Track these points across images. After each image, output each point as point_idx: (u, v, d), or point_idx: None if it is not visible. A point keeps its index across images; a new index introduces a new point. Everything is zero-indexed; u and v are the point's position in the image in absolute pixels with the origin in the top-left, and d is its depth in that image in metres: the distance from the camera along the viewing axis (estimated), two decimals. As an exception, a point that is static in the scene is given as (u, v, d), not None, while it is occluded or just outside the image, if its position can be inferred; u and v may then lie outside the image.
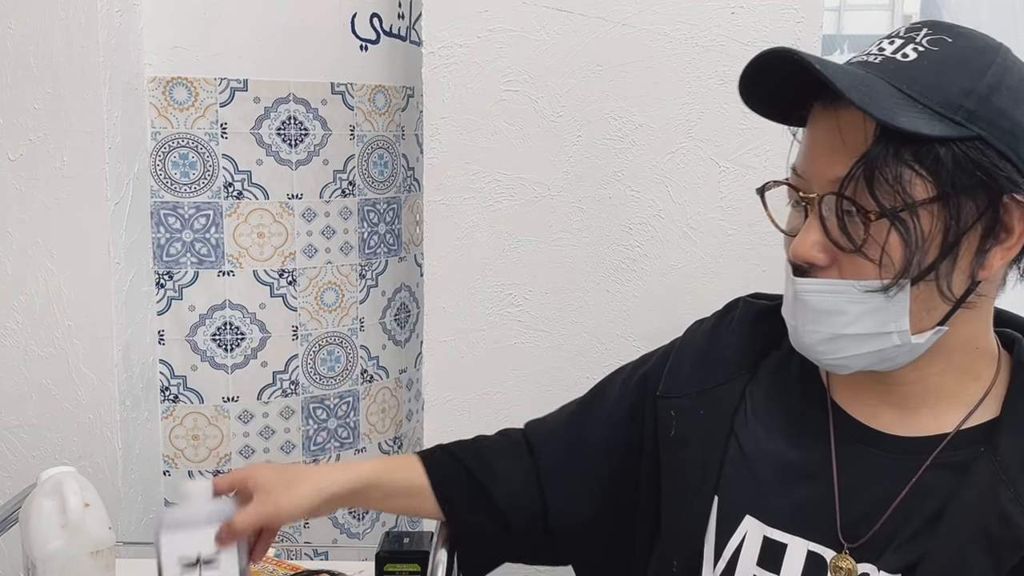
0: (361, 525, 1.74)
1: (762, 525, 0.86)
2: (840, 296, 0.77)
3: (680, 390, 0.97)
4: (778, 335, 0.96)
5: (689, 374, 0.97)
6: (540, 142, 1.38)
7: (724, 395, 0.94)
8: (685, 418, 0.95)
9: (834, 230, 0.77)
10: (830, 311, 0.78)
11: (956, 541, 0.77)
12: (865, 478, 0.83)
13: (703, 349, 0.99)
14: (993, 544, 0.75)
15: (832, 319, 0.78)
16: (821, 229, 0.78)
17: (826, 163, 0.77)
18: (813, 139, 0.80)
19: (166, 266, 1.54)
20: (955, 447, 0.81)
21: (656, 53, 1.35)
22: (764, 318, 0.97)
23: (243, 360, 1.59)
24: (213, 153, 1.53)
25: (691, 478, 0.92)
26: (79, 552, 1.08)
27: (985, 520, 0.76)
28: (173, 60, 1.49)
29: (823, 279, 0.78)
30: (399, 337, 1.76)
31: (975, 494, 0.78)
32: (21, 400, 1.48)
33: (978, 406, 0.82)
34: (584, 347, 1.43)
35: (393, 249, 1.72)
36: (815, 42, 1.34)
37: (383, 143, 1.67)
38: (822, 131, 0.79)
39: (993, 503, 0.76)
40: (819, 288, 0.79)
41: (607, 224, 1.40)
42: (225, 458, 1.60)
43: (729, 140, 1.36)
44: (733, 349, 0.96)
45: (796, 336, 0.82)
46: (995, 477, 0.77)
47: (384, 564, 1.16)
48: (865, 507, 0.82)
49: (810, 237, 0.78)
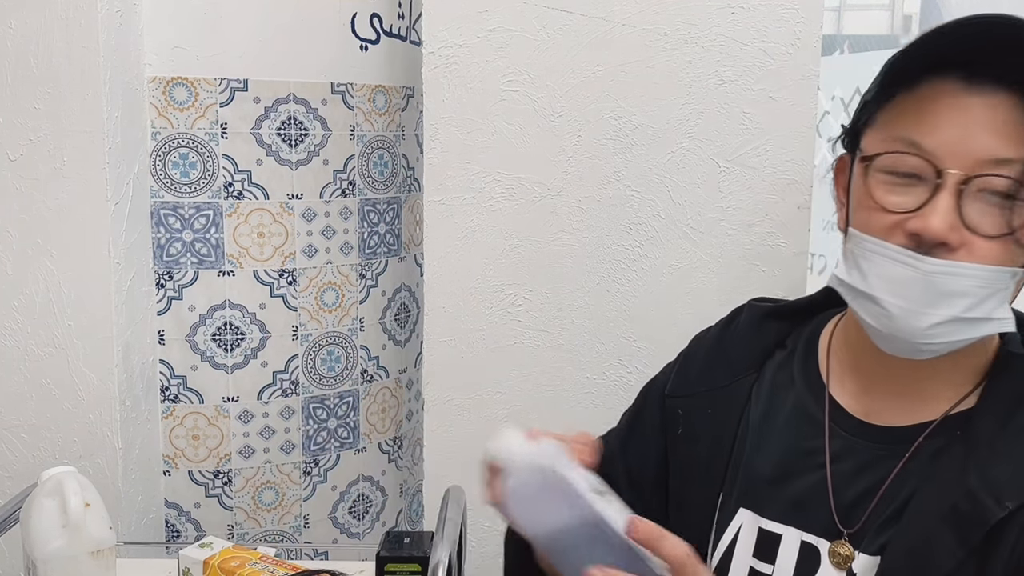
0: (361, 525, 1.74)
1: (757, 517, 0.89)
2: (973, 280, 0.77)
3: (688, 390, 0.99)
4: (782, 335, 0.98)
5: (697, 375, 0.99)
6: (540, 142, 1.38)
7: (732, 395, 0.95)
8: (693, 417, 0.97)
9: (978, 213, 0.76)
10: (959, 293, 0.77)
11: (925, 519, 0.79)
12: (856, 468, 0.86)
13: (711, 351, 1.01)
14: (960, 521, 0.78)
15: (957, 301, 0.77)
16: (955, 209, 0.76)
17: (976, 142, 0.76)
18: (950, 115, 0.77)
19: (166, 266, 1.54)
20: (937, 434, 0.84)
21: (656, 53, 1.35)
22: (770, 319, 0.99)
23: (243, 360, 1.59)
24: (213, 153, 1.53)
25: (697, 475, 0.94)
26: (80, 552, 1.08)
27: (953, 499, 0.79)
28: (173, 60, 1.49)
29: (959, 261, 0.77)
30: (399, 337, 1.76)
31: (946, 475, 0.81)
32: (21, 400, 1.48)
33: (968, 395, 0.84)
34: (584, 347, 1.43)
35: (393, 249, 1.72)
36: (815, 42, 1.34)
37: (383, 143, 1.67)
38: (965, 109, 0.77)
39: (962, 483, 0.79)
40: (957, 271, 0.77)
41: (607, 224, 1.40)
42: (225, 458, 1.60)
43: (729, 140, 1.36)
44: (739, 350, 0.98)
45: (904, 318, 0.79)
46: (965, 458, 0.80)
47: (384, 564, 1.16)
48: (856, 496, 0.85)
49: (943, 218, 0.76)
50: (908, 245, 0.78)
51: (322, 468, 1.67)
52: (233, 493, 1.61)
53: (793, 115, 1.35)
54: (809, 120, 1.35)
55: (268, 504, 1.64)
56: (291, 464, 1.64)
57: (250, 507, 1.63)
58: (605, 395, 1.42)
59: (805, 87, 1.34)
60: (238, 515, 1.62)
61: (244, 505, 1.62)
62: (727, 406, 0.95)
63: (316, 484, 1.67)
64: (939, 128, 0.78)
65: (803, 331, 0.98)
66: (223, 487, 1.61)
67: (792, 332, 0.99)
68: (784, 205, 1.36)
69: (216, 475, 1.60)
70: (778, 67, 1.34)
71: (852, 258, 0.83)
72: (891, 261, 0.79)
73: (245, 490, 1.62)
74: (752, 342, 0.98)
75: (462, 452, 1.45)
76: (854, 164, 0.86)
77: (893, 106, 0.82)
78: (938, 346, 0.80)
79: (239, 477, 1.61)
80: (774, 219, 1.36)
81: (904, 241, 0.78)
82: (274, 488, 1.64)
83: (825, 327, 0.98)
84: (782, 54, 1.33)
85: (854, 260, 0.82)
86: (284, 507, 1.65)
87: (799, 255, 1.37)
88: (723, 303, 1.37)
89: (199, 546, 1.23)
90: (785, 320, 0.98)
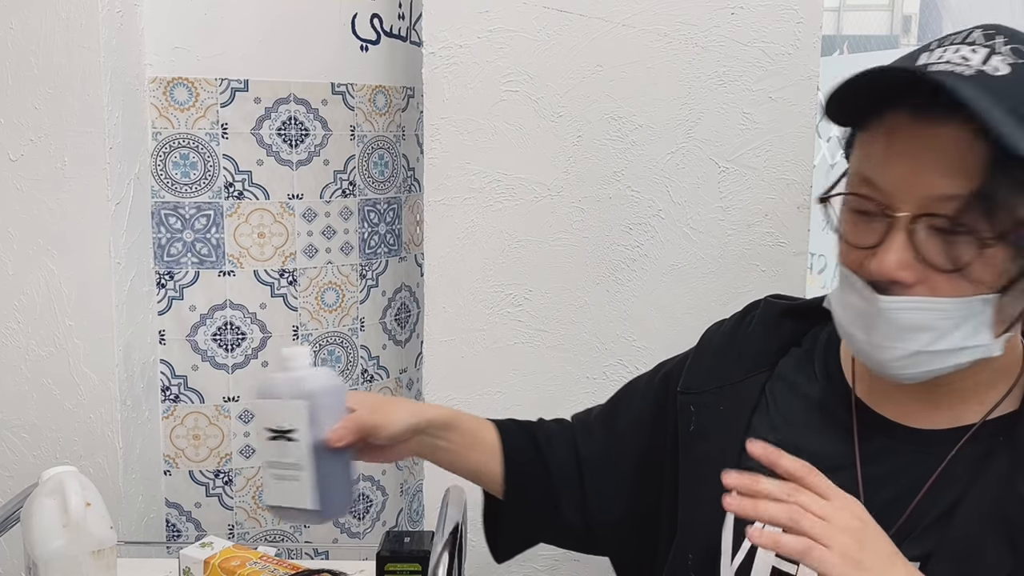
0: (362, 525, 1.74)
1: None
2: (932, 313, 0.76)
3: (700, 386, 0.98)
4: (799, 333, 0.97)
5: (709, 370, 0.98)
6: (540, 142, 1.38)
7: (744, 391, 0.94)
8: (705, 413, 0.96)
9: (931, 250, 0.75)
10: (919, 328, 0.77)
11: (973, 527, 0.78)
12: (889, 471, 0.84)
13: (723, 346, 1.00)
14: (1012, 529, 0.76)
15: (919, 336, 0.77)
16: (909, 247, 0.76)
17: (921, 179, 0.75)
18: (899, 151, 0.77)
19: (167, 266, 1.54)
20: (977, 439, 0.82)
21: (656, 53, 1.35)
22: (785, 316, 0.98)
23: (244, 360, 1.59)
24: (214, 153, 1.53)
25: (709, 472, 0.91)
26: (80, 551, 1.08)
27: (1003, 506, 0.77)
28: (174, 60, 1.49)
29: (914, 296, 0.76)
30: (399, 337, 1.76)
31: (993, 482, 0.79)
32: (22, 400, 1.48)
33: (1004, 398, 0.83)
34: (584, 347, 1.43)
35: (393, 249, 1.72)
36: (814, 42, 1.34)
37: (383, 143, 1.67)
38: (912, 143, 0.76)
39: (1011, 490, 0.77)
40: (910, 306, 0.76)
41: (607, 224, 1.40)
42: (226, 457, 1.60)
43: (729, 140, 1.36)
44: (753, 346, 0.97)
45: (869, 352, 0.80)
46: (1014, 465, 0.78)
47: (385, 564, 1.16)
48: (890, 498, 0.83)
49: (894, 256, 0.76)
50: (869, 280, 0.78)
51: (322, 468, 1.67)
52: (234, 493, 1.61)
53: (793, 115, 1.35)
54: (809, 120, 1.35)
55: (268, 504, 1.64)
56: (291, 464, 1.64)
57: (251, 507, 1.63)
58: (605, 395, 1.41)
59: (805, 87, 1.34)
60: (239, 515, 1.62)
61: (245, 505, 1.62)
62: (738, 403, 0.94)
63: (316, 484, 1.67)
64: (891, 165, 0.77)
65: (820, 331, 0.97)
66: (224, 487, 1.61)
67: (808, 332, 0.97)
68: (784, 205, 1.36)
69: (217, 475, 1.60)
70: (778, 67, 1.34)
71: (839, 282, 0.84)
72: (856, 295, 0.79)
73: (246, 490, 1.62)
74: (767, 339, 0.97)
75: (462, 452, 1.45)
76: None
77: (860, 139, 0.81)
78: (916, 375, 0.79)
79: (240, 477, 1.61)
80: (774, 219, 1.36)
81: (867, 276, 0.78)
82: (274, 488, 1.63)
83: None
84: (782, 54, 1.34)
85: (840, 285, 0.83)
86: (284, 507, 1.65)
87: (799, 255, 1.37)
88: (723, 303, 1.38)
89: (200, 546, 1.23)
90: (801, 319, 0.97)
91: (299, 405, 0.91)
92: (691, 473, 0.96)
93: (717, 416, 0.95)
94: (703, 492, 0.93)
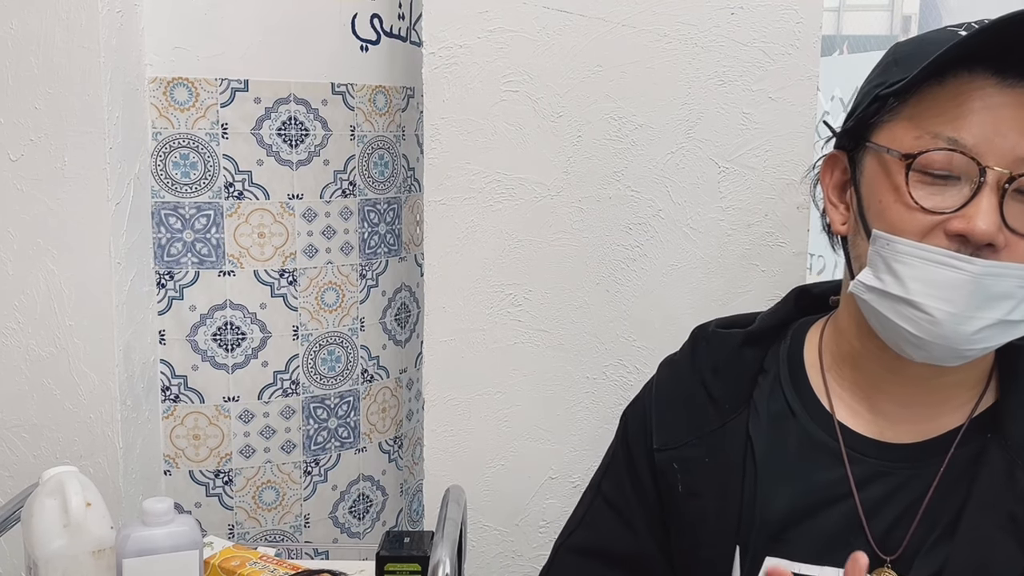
0: (362, 525, 1.74)
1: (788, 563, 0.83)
2: (1018, 280, 0.74)
3: (677, 439, 0.92)
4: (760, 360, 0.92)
5: (683, 423, 0.92)
6: (540, 142, 1.39)
7: (728, 438, 0.89)
8: (691, 468, 0.90)
9: (1018, 215, 0.74)
10: (1006, 295, 0.75)
11: (981, 532, 0.76)
12: (886, 493, 0.82)
13: (688, 392, 0.94)
14: (1019, 528, 0.75)
15: (1002, 304, 0.75)
16: (998, 208, 0.74)
17: (1010, 140, 0.73)
18: (991, 113, 0.74)
19: (167, 266, 1.54)
20: (967, 441, 0.81)
21: (656, 53, 1.35)
22: (744, 346, 0.93)
23: (244, 360, 1.59)
24: (214, 153, 1.53)
25: (707, 530, 0.88)
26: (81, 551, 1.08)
27: (1008, 506, 0.76)
28: (174, 60, 1.49)
29: (1006, 262, 0.74)
30: (399, 337, 1.76)
31: (992, 483, 0.77)
32: (22, 400, 1.48)
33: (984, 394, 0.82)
34: (584, 347, 1.43)
35: (393, 249, 1.72)
36: (815, 42, 1.34)
37: (383, 143, 1.67)
38: (1004, 107, 0.74)
39: (1012, 488, 0.76)
40: (1006, 272, 0.74)
41: (607, 224, 1.40)
42: (226, 457, 1.60)
43: (729, 140, 1.36)
44: (722, 387, 0.92)
45: (950, 324, 0.75)
46: (1009, 462, 0.78)
47: (385, 564, 1.16)
48: (893, 519, 0.81)
49: (992, 216, 0.73)
50: (950, 247, 0.74)
51: (322, 468, 1.67)
52: (234, 493, 1.62)
53: (793, 115, 1.35)
54: (809, 120, 1.35)
55: (268, 504, 1.64)
56: (291, 464, 1.64)
57: (250, 507, 1.63)
58: (605, 395, 1.43)
59: (805, 87, 1.34)
60: (239, 515, 1.62)
61: (244, 505, 1.62)
62: (726, 451, 0.88)
63: (316, 484, 1.67)
64: (974, 125, 0.74)
65: (779, 350, 0.93)
66: (224, 487, 1.61)
67: (767, 354, 0.93)
68: (784, 205, 1.36)
69: (217, 475, 1.60)
70: (778, 67, 1.34)
71: (882, 262, 0.78)
72: (934, 264, 0.75)
73: (246, 490, 1.62)
74: (734, 376, 0.92)
75: (462, 452, 1.45)
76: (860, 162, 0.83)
77: (920, 100, 0.77)
78: (978, 351, 0.77)
79: (240, 477, 1.61)
80: (773, 219, 1.36)
81: (945, 243, 0.75)
82: (274, 488, 1.64)
83: (806, 342, 0.93)
84: (782, 54, 1.34)
85: (885, 264, 0.77)
86: (284, 507, 1.65)
87: (798, 255, 1.37)
88: (723, 303, 1.38)
89: (200, 546, 1.23)
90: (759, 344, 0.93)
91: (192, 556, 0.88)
92: (687, 535, 0.91)
93: (705, 470, 0.89)
94: (704, 552, 0.88)
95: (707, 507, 0.88)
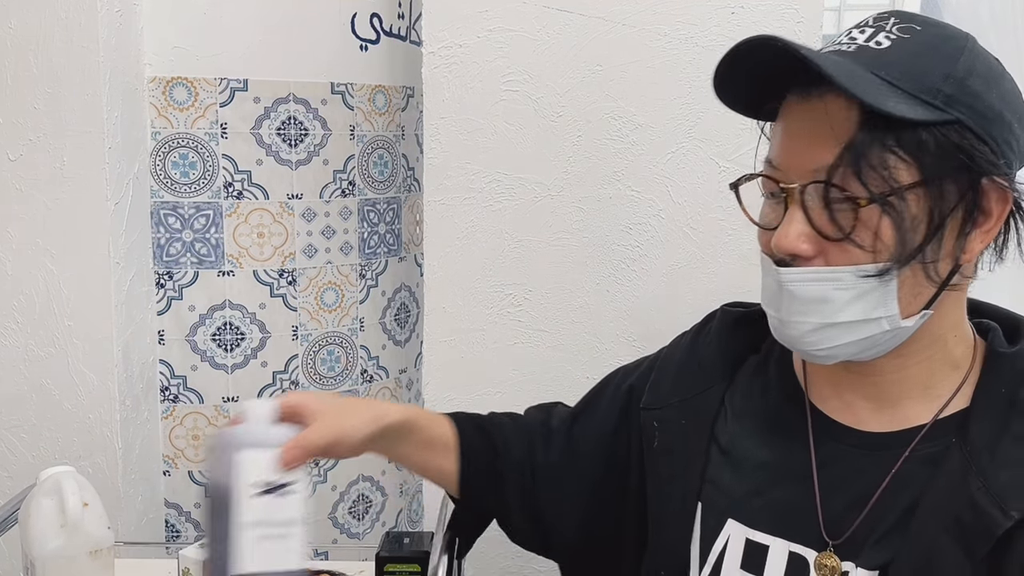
0: (361, 525, 1.74)
1: (744, 528, 0.87)
2: (829, 284, 0.77)
3: (661, 401, 0.97)
4: (756, 340, 0.97)
5: (670, 386, 0.98)
6: (540, 142, 1.38)
7: (704, 403, 0.94)
8: (667, 429, 0.95)
9: (820, 219, 0.77)
10: (819, 300, 0.78)
11: (929, 533, 0.77)
12: (844, 476, 0.84)
13: (683, 360, 0.99)
14: (965, 533, 0.76)
15: (821, 308, 0.78)
16: (805, 220, 0.78)
17: (807, 153, 0.77)
18: (790, 130, 0.80)
19: (166, 266, 1.54)
20: (930, 439, 0.82)
21: (656, 53, 1.35)
22: (741, 325, 0.98)
23: (243, 360, 1.59)
24: (213, 153, 1.53)
25: (675, 489, 0.92)
26: (78, 551, 1.08)
27: (956, 510, 0.77)
28: (173, 60, 1.49)
29: (810, 267, 0.78)
30: (399, 337, 1.76)
31: (946, 484, 0.78)
32: (21, 400, 1.48)
33: (954, 396, 0.83)
34: (584, 347, 1.43)
35: (393, 249, 1.72)
36: (815, 42, 1.33)
37: (383, 143, 1.67)
38: (800, 121, 0.79)
39: (963, 492, 0.77)
40: (806, 277, 0.78)
41: (607, 224, 1.40)
42: (225, 458, 1.60)
43: (729, 140, 1.36)
44: (711, 357, 0.97)
45: (782, 329, 0.82)
46: (965, 466, 0.78)
47: (384, 564, 1.16)
48: (845, 504, 0.83)
49: (794, 228, 0.78)
50: (774, 258, 0.81)
51: (322, 468, 1.67)
52: (233, 493, 1.61)
53: (793, 115, 1.35)
54: (809, 120, 1.35)
55: (268, 504, 1.64)
56: (291, 464, 1.64)
57: (250, 507, 1.62)
58: (605, 395, 1.42)
59: (805, 87, 1.34)
60: (238, 515, 1.62)
61: (244, 505, 1.62)
62: (700, 415, 0.93)
63: (316, 484, 1.67)
64: (780, 145, 0.81)
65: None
66: (223, 487, 1.61)
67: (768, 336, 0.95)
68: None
69: (216, 475, 1.60)
70: (778, 67, 1.34)
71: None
72: (765, 275, 0.83)
73: (245, 490, 1.62)
74: (724, 350, 0.97)
75: (462, 452, 1.45)
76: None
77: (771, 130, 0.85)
78: (830, 351, 0.80)
79: (239, 477, 1.61)
80: (774, 219, 1.36)
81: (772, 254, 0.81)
82: (274, 488, 1.63)
83: None
84: (782, 54, 1.33)
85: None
86: (284, 507, 1.65)
87: (799, 255, 1.37)
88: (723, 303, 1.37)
89: (199, 546, 1.22)
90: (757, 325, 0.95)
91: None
92: (658, 492, 0.95)
93: (679, 430, 0.94)
94: (670, 509, 0.92)
95: (676, 466, 0.93)
